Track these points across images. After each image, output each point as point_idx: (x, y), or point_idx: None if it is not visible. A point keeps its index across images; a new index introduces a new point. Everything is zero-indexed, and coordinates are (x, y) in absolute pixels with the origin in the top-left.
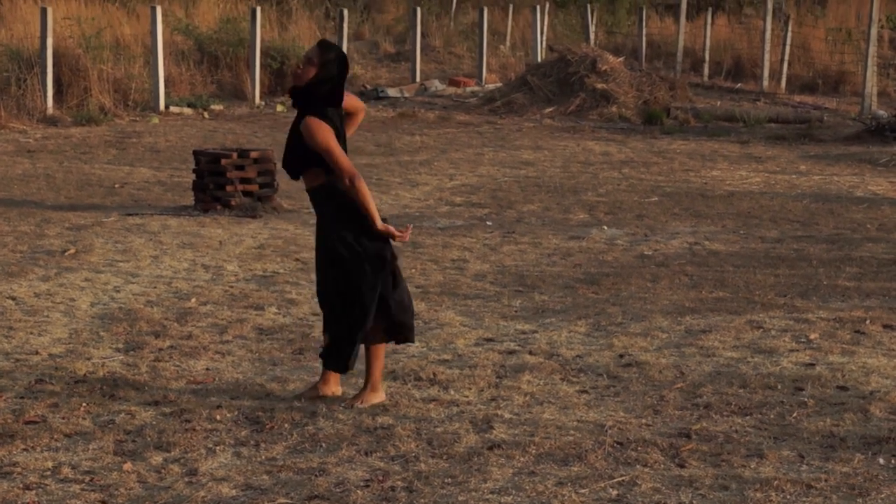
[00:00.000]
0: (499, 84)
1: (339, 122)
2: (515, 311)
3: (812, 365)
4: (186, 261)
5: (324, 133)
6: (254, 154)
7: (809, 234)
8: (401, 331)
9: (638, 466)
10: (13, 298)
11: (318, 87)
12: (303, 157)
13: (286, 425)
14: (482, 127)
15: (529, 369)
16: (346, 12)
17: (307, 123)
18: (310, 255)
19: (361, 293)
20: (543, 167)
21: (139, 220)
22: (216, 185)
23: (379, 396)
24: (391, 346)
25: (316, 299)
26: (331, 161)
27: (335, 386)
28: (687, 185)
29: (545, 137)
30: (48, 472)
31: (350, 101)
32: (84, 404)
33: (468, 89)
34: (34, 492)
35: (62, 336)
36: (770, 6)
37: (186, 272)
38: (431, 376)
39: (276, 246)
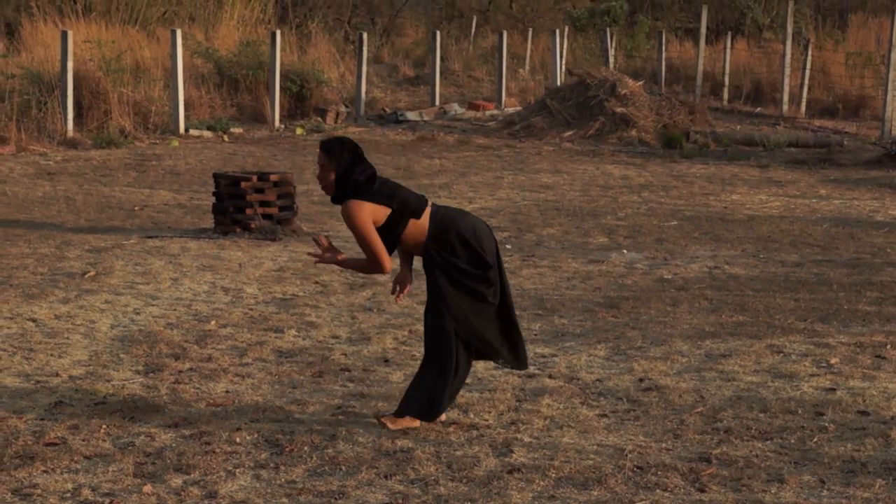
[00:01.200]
0: (518, 108)
1: (389, 188)
2: (535, 335)
3: (833, 389)
4: (206, 283)
5: (362, 217)
6: (273, 177)
7: (829, 259)
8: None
9: (658, 491)
10: (34, 320)
11: (344, 178)
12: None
13: (306, 448)
14: (501, 150)
15: (549, 393)
16: (365, 36)
17: (345, 207)
18: (329, 277)
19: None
20: (563, 191)
21: (159, 243)
22: (236, 207)
23: (412, 421)
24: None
25: (336, 322)
26: (365, 246)
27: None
28: (706, 209)
29: (564, 161)
30: (68, 494)
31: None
32: (104, 426)
33: (487, 113)
34: None
35: (82, 358)
36: (790, 30)
37: (206, 295)
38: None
39: (296, 269)
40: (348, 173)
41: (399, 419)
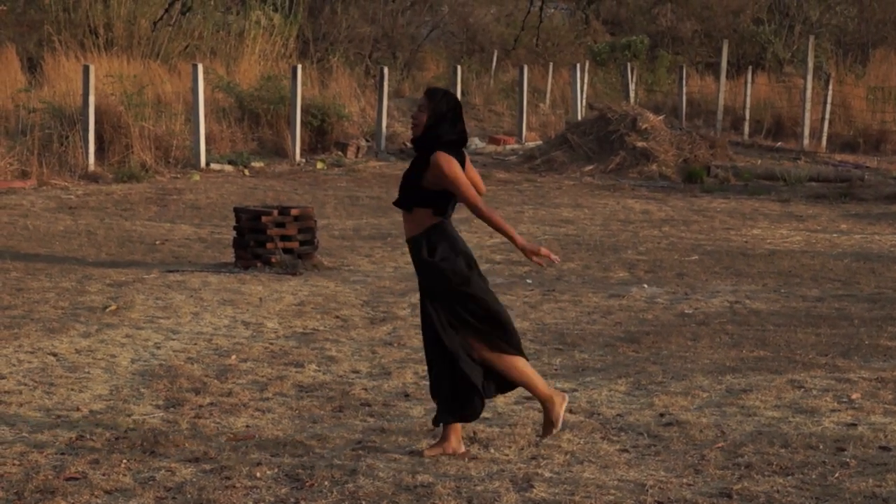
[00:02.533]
0: (539, 142)
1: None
2: (555, 370)
3: (854, 425)
4: (227, 317)
5: (453, 166)
6: (294, 211)
7: (851, 294)
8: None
9: None
10: (54, 355)
11: (435, 128)
12: (419, 194)
13: (326, 483)
14: (522, 185)
15: (570, 428)
16: (386, 70)
17: (436, 157)
18: (349, 311)
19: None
20: (583, 225)
21: (180, 277)
22: (256, 242)
23: (452, 447)
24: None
25: (356, 357)
26: (458, 191)
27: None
28: (727, 243)
29: (585, 195)
30: None
31: (473, 175)
32: (124, 461)
33: (508, 147)
34: None
35: (103, 392)
36: (811, 65)
37: (227, 329)
38: (472, 434)
39: (317, 303)
40: (440, 122)
41: (438, 446)
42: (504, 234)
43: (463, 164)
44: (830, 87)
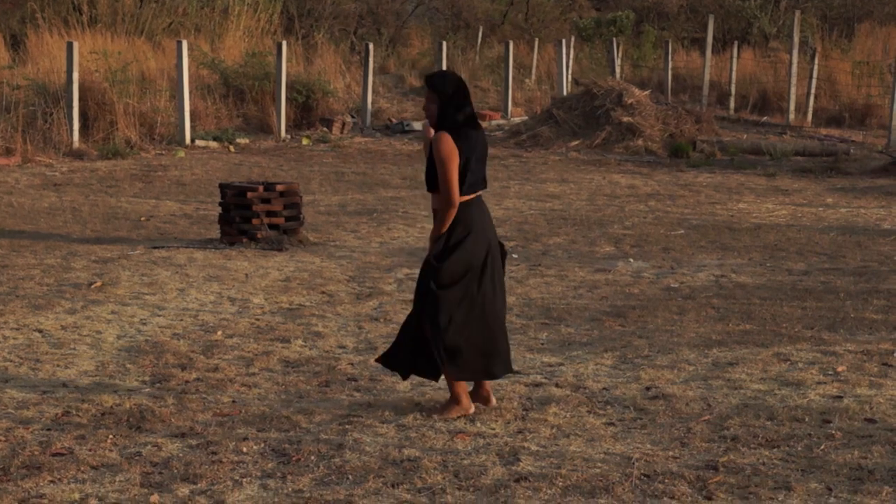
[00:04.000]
0: (524, 117)
1: (480, 145)
2: (542, 344)
3: (840, 397)
4: (212, 294)
5: (447, 148)
6: (280, 187)
7: (836, 267)
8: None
9: (665, 499)
10: (40, 331)
11: (445, 111)
12: (436, 174)
13: (313, 457)
14: (508, 160)
15: (556, 402)
16: (371, 46)
17: (437, 135)
18: (335, 287)
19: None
20: (569, 200)
21: (165, 253)
22: (242, 218)
23: (461, 409)
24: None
25: (342, 332)
26: (442, 175)
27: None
28: (713, 217)
29: (571, 171)
30: None
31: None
32: (111, 436)
33: (494, 123)
34: None
35: (89, 368)
36: (796, 39)
37: (212, 305)
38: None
39: (302, 279)
40: (449, 105)
41: (447, 408)
42: (438, 229)
43: (475, 148)
44: (816, 61)
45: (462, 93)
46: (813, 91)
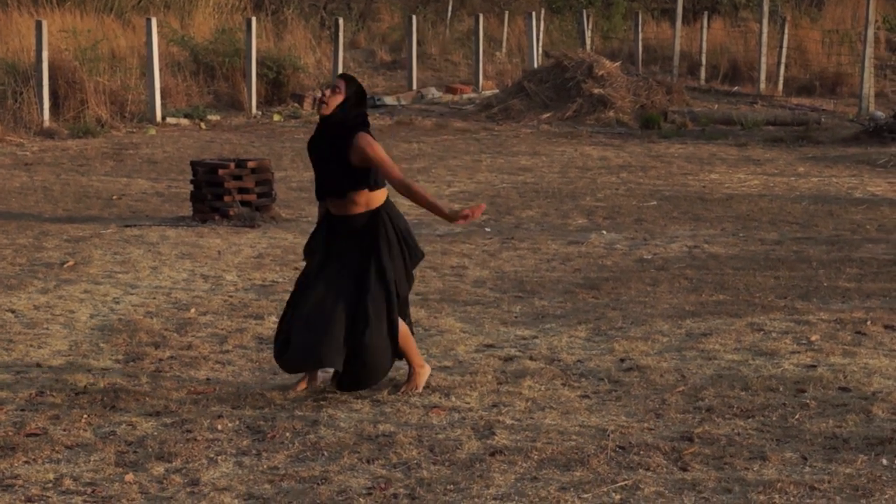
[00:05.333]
0: (495, 91)
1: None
2: (515, 317)
3: (813, 367)
4: (185, 271)
5: (378, 146)
6: (251, 164)
7: (809, 236)
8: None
9: (640, 470)
10: (12, 311)
11: (352, 111)
12: (351, 175)
13: (287, 434)
14: (479, 134)
15: (530, 375)
16: (341, 21)
17: (364, 138)
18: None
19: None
20: (541, 173)
21: (137, 232)
22: (214, 195)
23: (425, 372)
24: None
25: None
26: (385, 170)
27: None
28: (685, 188)
29: (542, 143)
30: (50, 485)
31: None
32: (85, 416)
33: (465, 96)
34: None
35: (62, 348)
36: (766, 9)
37: (185, 282)
38: (432, 383)
39: (275, 255)
40: (354, 105)
41: (411, 380)
42: (431, 208)
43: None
44: (786, 30)
45: (364, 100)
46: (783, 60)
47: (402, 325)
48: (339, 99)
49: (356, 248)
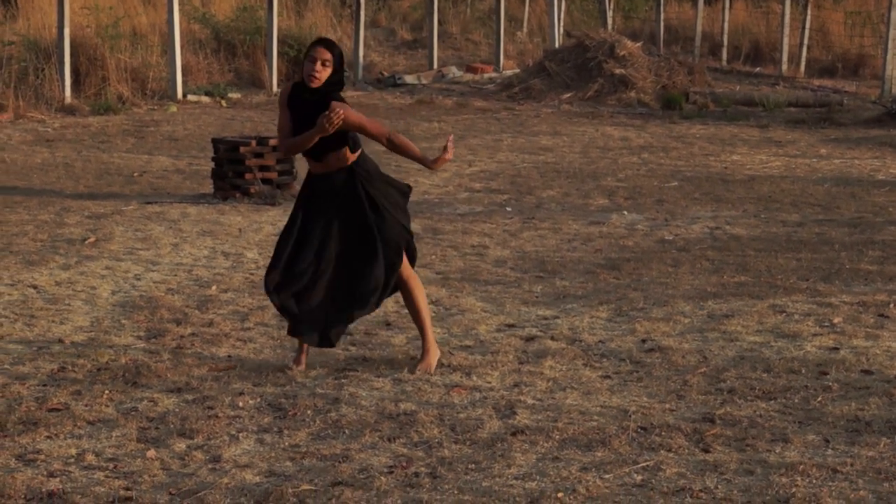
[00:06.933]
0: (516, 70)
1: None
2: (536, 297)
3: (836, 349)
4: (206, 248)
5: (353, 111)
6: (272, 142)
7: (831, 218)
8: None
9: (662, 451)
10: (34, 287)
11: (337, 79)
12: (330, 138)
13: (309, 412)
14: (500, 113)
15: (552, 355)
16: (362, 0)
17: (345, 108)
18: None
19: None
20: (562, 153)
21: (158, 209)
22: (235, 172)
23: (437, 353)
24: (414, 332)
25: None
26: (368, 130)
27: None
28: (707, 169)
29: (563, 123)
30: (72, 460)
31: None
32: (107, 392)
33: (486, 76)
34: (58, 479)
35: (84, 324)
36: None
37: (206, 260)
38: (453, 362)
39: None
40: (340, 73)
41: (425, 359)
42: (416, 158)
43: None
44: (808, 11)
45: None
46: (806, 41)
47: (413, 277)
48: (329, 72)
49: (344, 203)
